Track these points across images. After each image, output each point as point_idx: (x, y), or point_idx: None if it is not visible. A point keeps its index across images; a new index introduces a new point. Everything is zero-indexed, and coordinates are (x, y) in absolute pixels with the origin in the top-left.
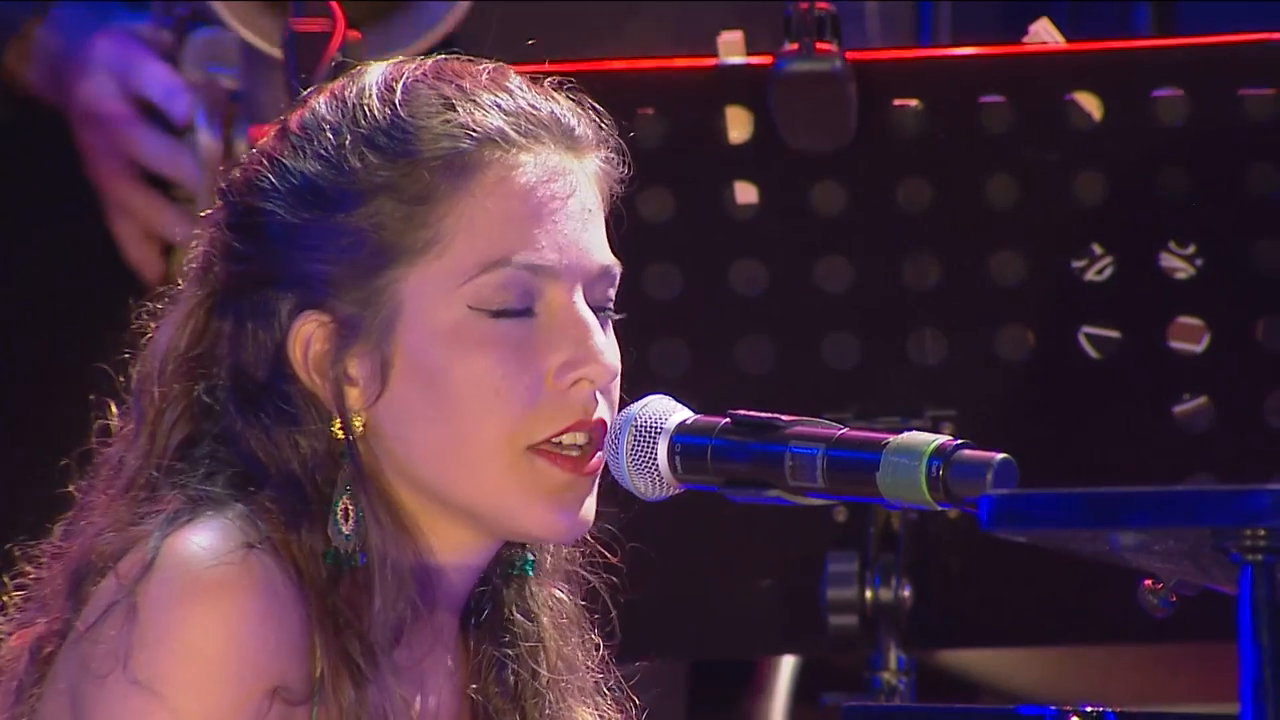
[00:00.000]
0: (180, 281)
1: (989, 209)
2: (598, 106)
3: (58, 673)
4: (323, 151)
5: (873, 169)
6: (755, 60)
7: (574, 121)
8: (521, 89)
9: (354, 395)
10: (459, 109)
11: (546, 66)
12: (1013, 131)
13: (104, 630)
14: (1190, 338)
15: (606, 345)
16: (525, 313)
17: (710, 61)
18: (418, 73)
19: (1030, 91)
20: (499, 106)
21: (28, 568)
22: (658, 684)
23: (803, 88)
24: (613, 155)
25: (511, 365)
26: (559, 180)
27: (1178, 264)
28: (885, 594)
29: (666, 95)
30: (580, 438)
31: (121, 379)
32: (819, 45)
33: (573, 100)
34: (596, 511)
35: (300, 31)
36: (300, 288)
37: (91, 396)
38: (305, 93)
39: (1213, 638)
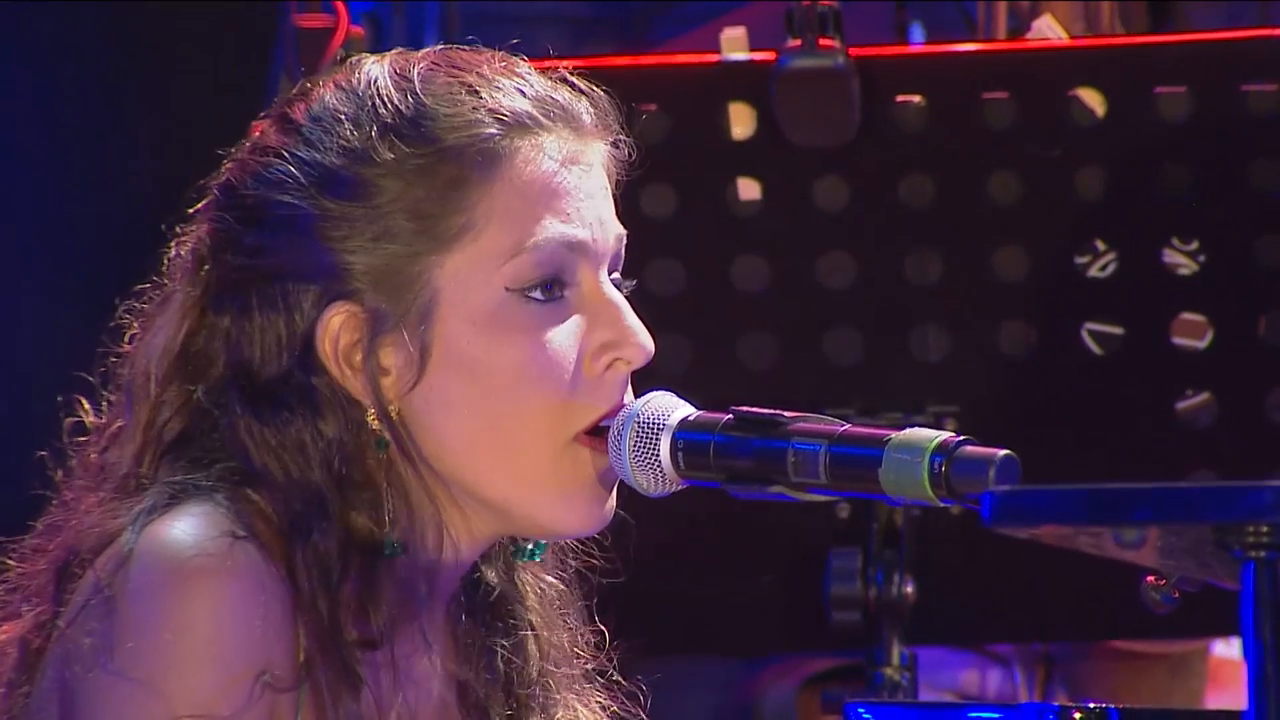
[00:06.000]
0: (166, 279)
1: (992, 205)
2: (599, 91)
3: (46, 669)
4: (344, 143)
5: (875, 165)
6: (758, 56)
7: (583, 107)
8: (533, 74)
9: (387, 385)
10: (484, 95)
11: (550, 62)
12: (1015, 127)
13: (85, 625)
14: (1193, 334)
15: (640, 326)
16: (559, 296)
17: (713, 57)
18: (428, 62)
19: (1033, 87)
20: (521, 92)
21: (11, 561)
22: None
23: (805, 84)
24: (619, 140)
25: (552, 348)
26: (580, 161)
27: (1180, 260)
28: (888, 590)
29: (669, 91)
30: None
31: (97, 376)
32: (822, 41)
33: (577, 88)
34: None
35: (303, 27)
36: (325, 279)
37: (59, 397)
38: (298, 86)
39: (1215, 634)
